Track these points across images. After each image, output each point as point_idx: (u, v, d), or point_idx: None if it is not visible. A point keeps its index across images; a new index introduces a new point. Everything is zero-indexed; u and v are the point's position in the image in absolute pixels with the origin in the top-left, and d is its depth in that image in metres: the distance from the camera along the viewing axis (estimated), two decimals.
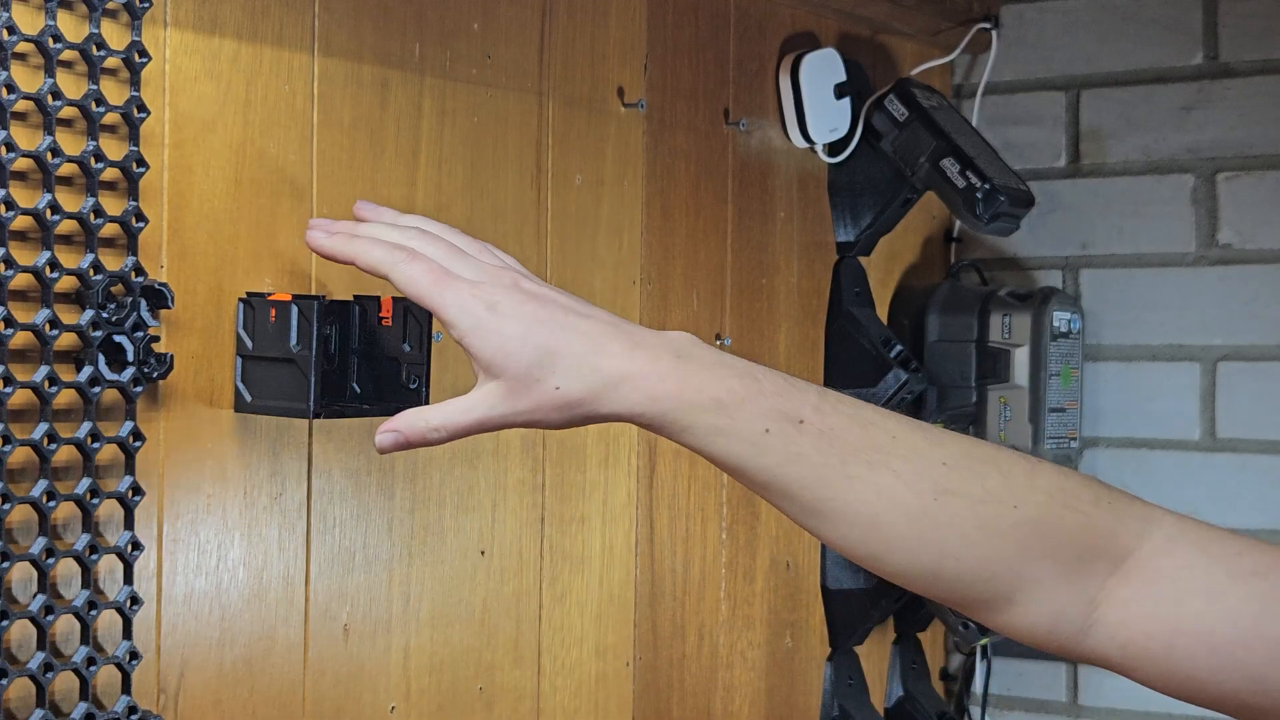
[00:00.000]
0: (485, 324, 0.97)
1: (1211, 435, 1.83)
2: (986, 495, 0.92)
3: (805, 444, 0.93)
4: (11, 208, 0.96)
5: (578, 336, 0.96)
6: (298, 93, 1.15)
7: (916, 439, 0.94)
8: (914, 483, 0.92)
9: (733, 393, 0.94)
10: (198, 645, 1.09)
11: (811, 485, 0.93)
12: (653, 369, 0.95)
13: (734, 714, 1.61)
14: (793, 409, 0.93)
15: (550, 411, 0.97)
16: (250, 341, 1.08)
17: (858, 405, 0.95)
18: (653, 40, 1.51)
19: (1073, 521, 0.92)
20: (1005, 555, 0.92)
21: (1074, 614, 0.92)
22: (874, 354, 1.73)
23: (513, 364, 0.96)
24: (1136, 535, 0.92)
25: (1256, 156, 1.81)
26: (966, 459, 0.93)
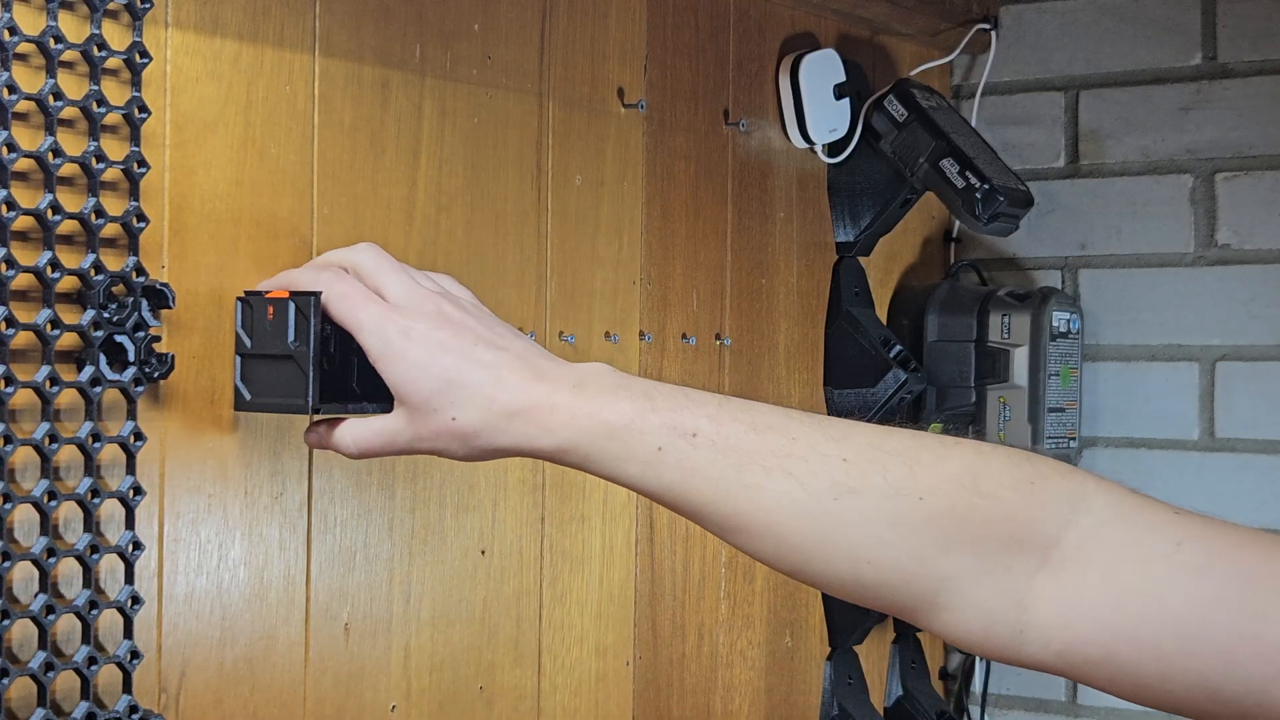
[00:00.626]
0: (395, 349, 0.98)
1: (1210, 435, 1.83)
2: (890, 489, 0.85)
3: (699, 457, 0.89)
4: (13, 208, 0.96)
5: (479, 368, 0.96)
6: (298, 93, 1.16)
7: (818, 437, 0.88)
8: (812, 484, 0.87)
9: (623, 415, 0.92)
10: (199, 644, 1.09)
11: (714, 500, 0.90)
12: (547, 401, 0.94)
13: (734, 713, 1.62)
14: (686, 423, 0.90)
15: (450, 441, 0.97)
16: (249, 340, 1.08)
17: (759, 410, 0.91)
18: (653, 41, 1.51)
19: (987, 510, 0.84)
20: (919, 554, 0.85)
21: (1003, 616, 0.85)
22: (873, 354, 1.73)
23: (414, 392, 0.97)
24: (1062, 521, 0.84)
25: (1255, 157, 1.81)
26: (871, 451, 0.87)
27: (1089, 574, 0.83)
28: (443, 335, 0.98)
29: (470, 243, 1.30)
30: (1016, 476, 0.86)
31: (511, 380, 0.96)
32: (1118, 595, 0.82)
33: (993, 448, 0.88)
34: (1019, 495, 0.85)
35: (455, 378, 0.96)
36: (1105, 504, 0.85)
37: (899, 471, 0.86)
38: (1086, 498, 0.85)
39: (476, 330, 0.99)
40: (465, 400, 0.96)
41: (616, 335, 1.45)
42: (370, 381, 1.11)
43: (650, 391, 0.93)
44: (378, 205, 1.22)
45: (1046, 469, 0.86)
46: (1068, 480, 0.86)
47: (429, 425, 0.97)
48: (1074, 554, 0.84)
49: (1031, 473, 0.86)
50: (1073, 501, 0.85)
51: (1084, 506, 0.85)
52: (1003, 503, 0.85)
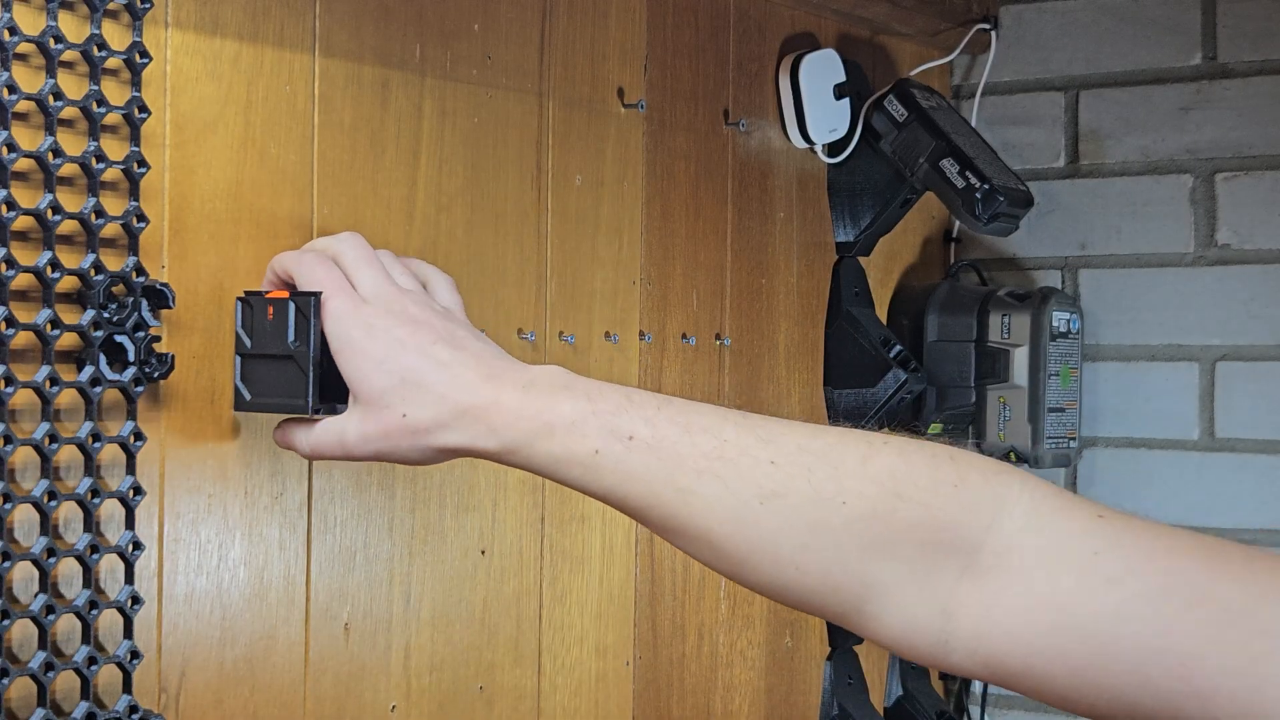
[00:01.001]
0: (354, 344, 0.98)
1: (1210, 435, 1.83)
2: (814, 494, 0.84)
3: (635, 461, 0.89)
4: (13, 208, 0.96)
5: (435, 366, 0.96)
6: (298, 93, 1.16)
7: (748, 440, 0.87)
8: (739, 489, 0.86)
9: (563, 416, 0.92)
10: (199, 644, 1.09)
11: (651, 504, 0.89)
12: (495, 401, 0.94)
13: (734, 713, 1.62)
14: (624, 426, 0.90)
15: (400, 438, 0.97)
16: (249, 340, 1.08)
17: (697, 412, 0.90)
18: (653, 41, 1.51)
19: (909, 514, 0.83)
20: (843, 559, 0.84)
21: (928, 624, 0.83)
22: (873, 354, 1.73)
23: (369, 387, 0.98)
24: (985, 526, 0.82)
25: (1255, 157, 1.81)
26: (798, 454, 0.85)
27: (1006, 583, 0.81)
28: (402, 332, 0.98)
29: (470, 243, 1.30)
30: (938, 479, 0.84)
31: (465, 379, 0.96)
32: (1031, 607, 0.80)
33: (918, 446, 0.86)
34: (940, 498, 0.83)
35: (409, 375, 0.97)
36: (1026, 509, 0.83)
37: (823, 474, 0.85)
38: (1009, 501, 0.83)
39: (436, 329, 0.99)
40: (417, 397, 0.96)
41: (616, 335, 1.45)
42: None
43: (593, 393, 0.93)
44: (378, 205, 1.22)
45: (970, 470, 0.84)
46: (991, 482, 0.84)
47: (379, 421, 0.97)
48: (994, 561, 0.82)
49: (954, 474, 0.84)
50: (995, 505, 0.83)
51: (1005, 510, 0.83)
52: (923, 506, 0.83)
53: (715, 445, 0.88)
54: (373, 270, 1.03)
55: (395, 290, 1.02)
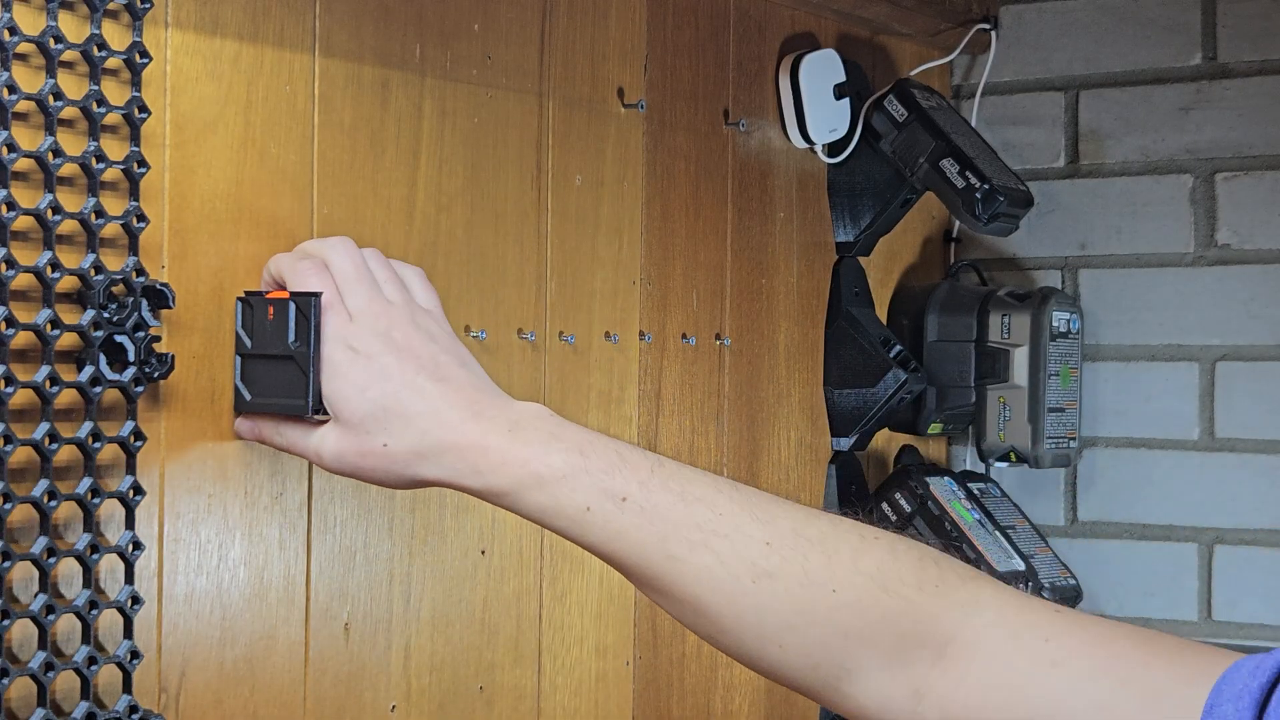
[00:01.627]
0: (337, 368, 0.99)
1: (1210, 435, 1.83)
2: (805, 579, 0.89)
3: (626, 522, 0.91)
4: (13, 208, 0.96)
5: (418, 400, 0.97)
6: (298, 93, 1.16)
7: (744, 516, 0.90)
8: (733, 565, 0.89)
9: (553, 469, 0.93)
10: (199, 644, 1.09)
11: (638, 564, 0.92)
12: (480, 442, 0.95)
13: (734, 713, 1.61)
14: (617, 486, 0.92)
15: (376, 463, 0.98)
16: (249, 340, 1.08)
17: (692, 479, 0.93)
18: (653, 41, 1.51)
19: (891, 607, 0.89)
20: (825, 642, 0.89)
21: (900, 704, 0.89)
22: (873, 354, 1.73)
23: (348, 411, 0.98)
24: (958, 622, 0.89)
25: (1255, 157, 1.81)
26: (792, 538, 0.90)
27: (970, 668, 0.88)
28: (386, 361, 0.98)
29: (470, 243, 1.30)
30: (923, 579, 0.90)
31: (449, 416, 0.96)
32: (989, 687, 0.87)
33: (907, 547, 0.92)
34: (923, 595, 0.89)
35: (392, 405, 0.97)
36: (995, 606, 0.89)
37: (816, 561, 0.89)
38: (981, 603, 0.89)
39: (420, 358, 0.99)
40: (399, 429, 0.97)
41: (616, 335, 1.45)
42: None
43: (585, 447, 0.94)
44: (378, 205, 1.22)
45: (952, 574, 0.91)
46: (968, 585, 0.90)
47: (358, 445, 0.98)
48: (962, 651, 0.88)
49: (937, 576, 0.90)
50: (968, 605, 0.89)
51: (977, 610, 0.89)
52: (908, 602, 0.89)
53: (710, 518, 0.90)
54: (362, 286, 1.03)
55: (382, 307, 1.02)
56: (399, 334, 1.00)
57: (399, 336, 1.00)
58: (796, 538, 0.90)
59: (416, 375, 0.98)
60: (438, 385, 0.98)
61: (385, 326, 1.00)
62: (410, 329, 1.01)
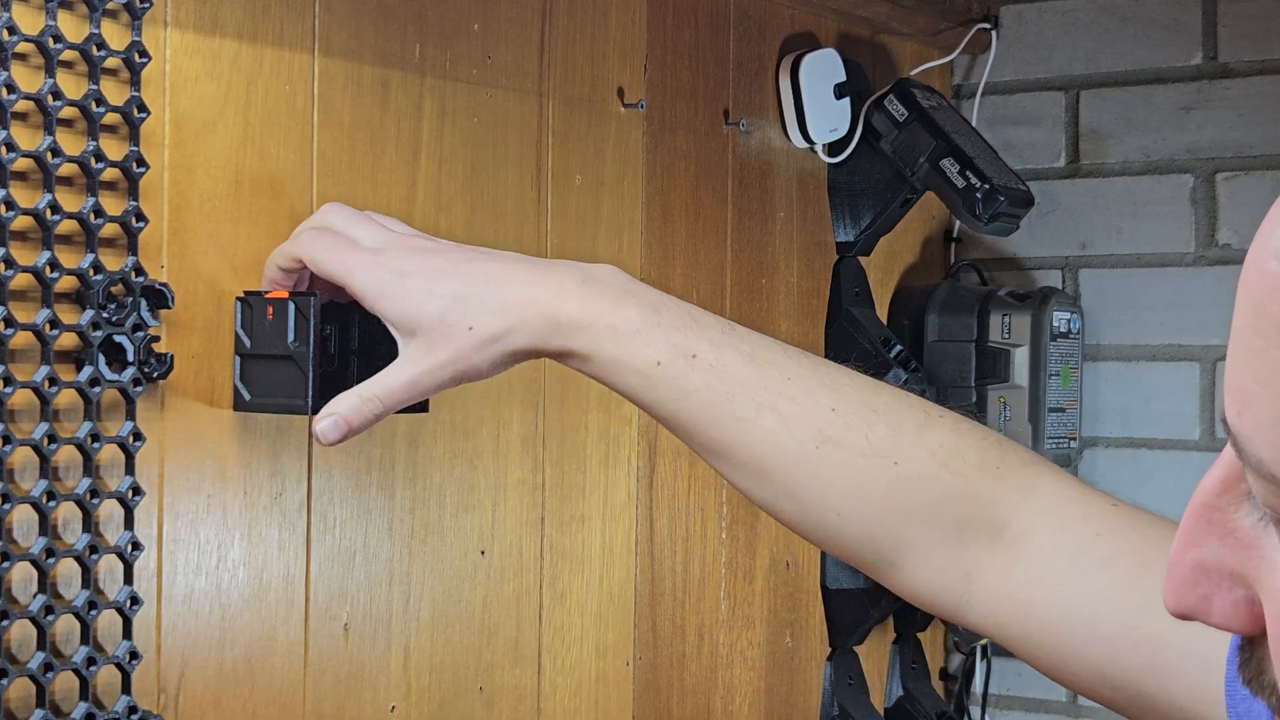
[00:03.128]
0: (392, 287, 0.98)
1: (1211, 435, 1.83)
2: (868, 448, 0.88)
3: (696, 380, 0.90)
4: (12, 208, 0.96)
5: (483, 276, 0.96)
6: (298, 93, 1.15)
7: (812, 381, 0.90)
8: (798, 429, 0.89)
9: (629, 321, 0.92)
10: (198, 645, 1.09)
11: (703, 424, 0.91)
12: (556, 293, 0.94)
13: (734, 713, 1.61)
14: (688, 343, 0.91)
15: (471, 353, 0.96)
16: (248, 340, 1.08)
17: (761, 344, 0.92)
18: (653, 41, 1.51)
19: (951, 485, 0.88)
20: (883, 514, 0.89)
21: (951, 584, 0.88)
22: (874, 354, 1.73)
23: (425, 317, 0.97)
24: (1014, 507, 0.88)
25: (1256, 157, 1.81)
26: (859, 407, 0.89)
27: (1020, 557, 0.87)
28: (436, 261, 0.98)
29: (470, 242, 1.29)
30: (984, 459, 0.89)
31: (518, 277, 0.96)
32: (1036, 579, 0.86)
33: (971, 426, 0.91)
34: (984, 476, 0.89)
35: (462, 291, 0.96)
36: (1051, 495, 0.88)
37: (881, 431, 0.89)
38: (1038, 489, 0.89)
39: (462, 251, 0.99)
40: (478, 307, 0.96)
41: None
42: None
43: (658, 304, 0.94)
44: (378, 205, 1.21)
45: (1012, 457, 0.90)
46: (1027, 470, 0.90)
47: (449, 345, 0.96)
48: (1014, 538, 0.88)
49: (998, 458, 0.89)
50: (1026, 490, 0.89)
51: (1033, 497, 0.88)
52: (968, 481, 0.88)
53: (778, 381, 0.90)
54: (369, 225, 1.03)
55: (400, 234, 1.03)
56: (428, 244, 1.01)
57: (430, 245, 1.00)
58: (862, 407, 0.89)
59: (469, 261, 0.98)
60: (494, 260, 0.98)
61: (414, 244, 1.00)
62: (433, 239, 1.02)
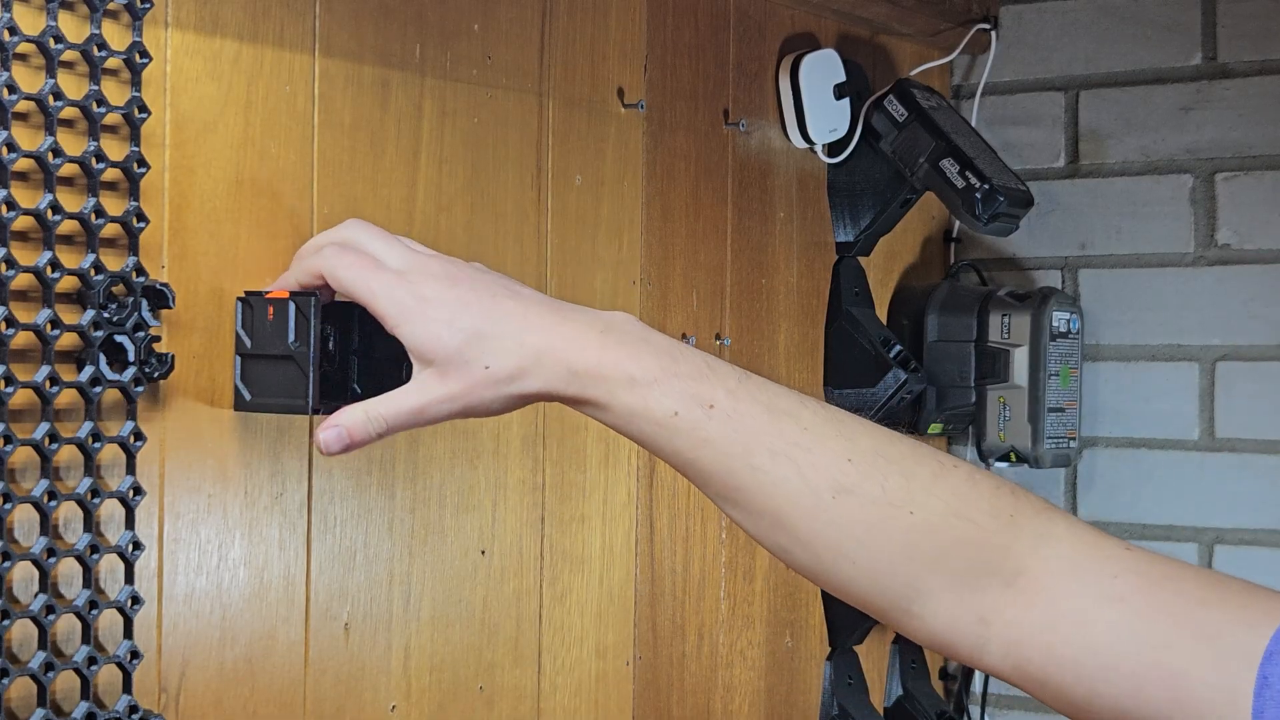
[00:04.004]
0: (414, 313, 0.97)
1: (1210, 435, 1.83)
2: (883, 497, 0.90)
3: (712, 429, 0.92)
4: (13, 208, 0.96)
5: (504, 316, 0.97)
6: (298, 94, 1.16)
7: (828, 431, 0.92)
8: (813, 478, 0.90)
9: (646, 371, 0.93)
10: (198, 644, 1.09)
11: (719, 473, 0.92)
12: (575, 342, 0.95)
13: (734, 713, 1.62)
14: (705, 393, 0.92)
15: (483, 391, 0.97)
16: (249, 340, 1.08)
17: (778, 393, 0.94)
18: (653, 41, 1.51)
19: (965, 533, 0.89)
20: (898, 562, 0.90)
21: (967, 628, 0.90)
22: (873, 354, 1.73)
23: (442, 348, 0.97)
24: (1029, 552, 0.89)
25: (1255, 157, 1.81)
26: (873, 457, 0.91)
27: (1038, 599, 0.88)
28: (459, 291, 0.98)
29: (470, 243, 1.30)
30: (998, 506, 0.91)
31: (538, 323, 0.96)
32: (1055, 620, 0.87)
33: (984, 476, 0.93)
34: (998, 524, 0.90)
35: (483, 328, 0.96)
36: (1067, 540, 0.90)
37: (895, 482, 0.90)
38: (1054, 535, 0.90)
39: (489, 284, 0.99)
40: (495, 347, 0.96)
41: None
42: (371, 380, 1.11)
43: (675, 352, 0.95)
44: (378, 205, 1.22)
45: (1026, 505, 0.91)
46: (1041, 516, 0.91)
47: (461, 379, 0.97)
48: (1032, 582, 0.89)
49: (1013, 506, 0.91)
50: (1041, 536, 0.90)
51: (1049, 542, 0.90)
52: (982, 528, 0.90)
53: (795, 431, 0.91)
54: (394, 245, 1.02)
55: (426, 257, 1.02)
56: (455, 270, 1.00)
57: (456, 273, 1.00)
58: (877, 457, 0.91)
59: (494, 298, 0.97)
60: (518, 301, 0.98)
61: (439, 269, 1.00)
62: (462, 267, 1.01)
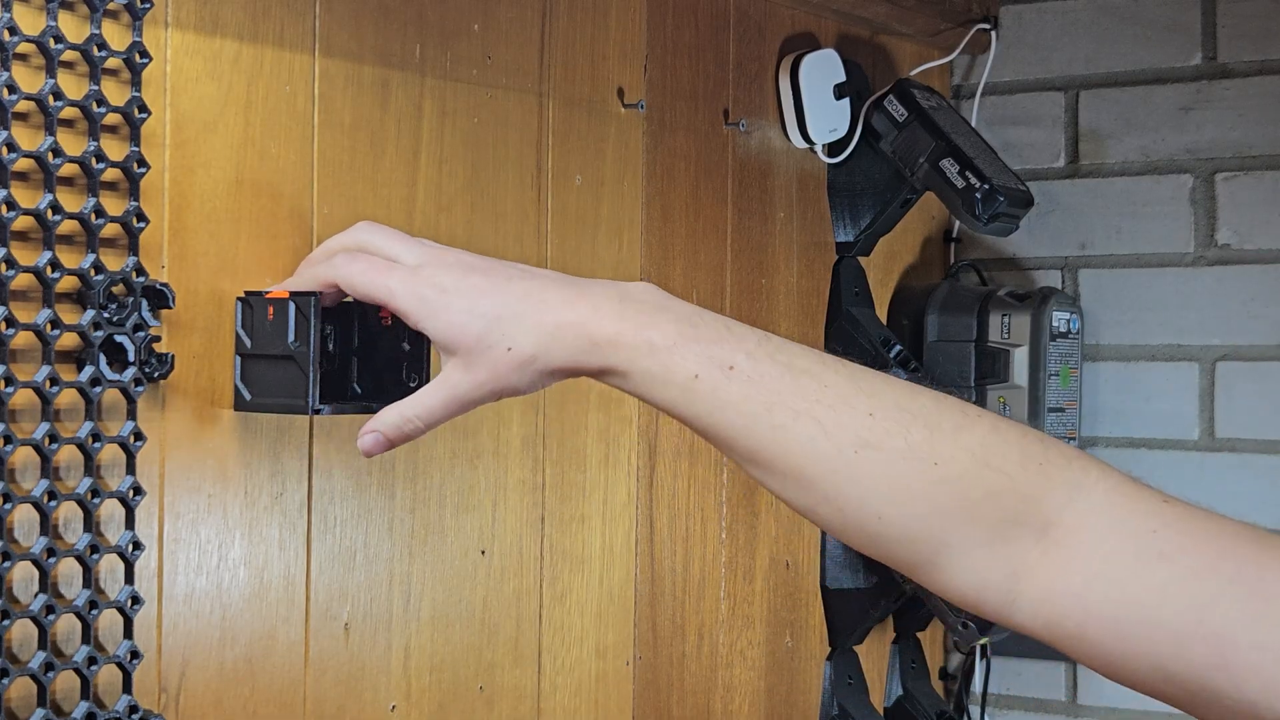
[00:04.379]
0: (435, 304, 0.99)
1: (1210, 435, 1.83)
2: (907, 450, 0.89)
3: (733, 391, 0.92)
4: (13, 208, 0.96)
5: (522, 297, 0.98)
6: (298, 93, 1.16)
7: (849, 388, 0.91)
8: (836, 434, 0.90)
9: (666, 336, 0.94)
10: (198, 644, 1.09)
11: (742, 435, 0.92)
12: (593, 314, 0.96)
13: (734, 713, 1.62)
14: (725, 355, 0.92)
15: (509, 374, 0.98)
16: (249, 340, 1.08)
17: (798, 352, 0.93)
18: (653, 41, 1.51)
19: (994, 483, 0.88)
20: (925, 516, 0.89)
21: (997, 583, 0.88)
22: (873, 354, 1.73)
23: (465, 336, 0.98)
24: (1062, 504, 0.88)
25: (1255, 157, 1.81)
26: (896, 411, 0.90)
27: (1074, 554, 0.87)
28: (475, 279, 0.99)
29: (470, 243, 1.30)
30: (1026, 455, 0.89)
31: (556, 299, 0.97)
32: (1091, 575, 0.86)
33: (1009, 425, 0.92)
34: (1027, 474, 0.89)
35: (502, 311, 0.98)
36: (1102, 490, 0.88)
37: (919, 434, 0.89)
38: (1085, 485, 0.88)
39: (503, 269, 1.00)
40: (516, 328, 0.97)
41: None
42: (371, 380, 1.11)
43: (694, 317, 0.95)
44: (378, 205, 1.22)
45: (1056, 453, 0.90)
46: (1073, 465, 0.89)
47: (487, 364, 0.98)
48: (1066, 535, 0.87)
49: (1042, 454, 0.89)
50: (1073, 486, 0.88)
51: (1083, 492, 0.88)
52: (1010, 478, 0.88)
53: (816, 389, 0.91)
54: (405, 242, 1.03)
55: (439, 250, 1.03)
56: (468, 259, 1.01)
57: (470, 261, 1.01)
58: (900, 411, 0.90)
59: (509, 280, 0.99)
60: (535, 281, 0.99)
61: (452, 260, 1.01)
62: (471, 255, 1.02)
